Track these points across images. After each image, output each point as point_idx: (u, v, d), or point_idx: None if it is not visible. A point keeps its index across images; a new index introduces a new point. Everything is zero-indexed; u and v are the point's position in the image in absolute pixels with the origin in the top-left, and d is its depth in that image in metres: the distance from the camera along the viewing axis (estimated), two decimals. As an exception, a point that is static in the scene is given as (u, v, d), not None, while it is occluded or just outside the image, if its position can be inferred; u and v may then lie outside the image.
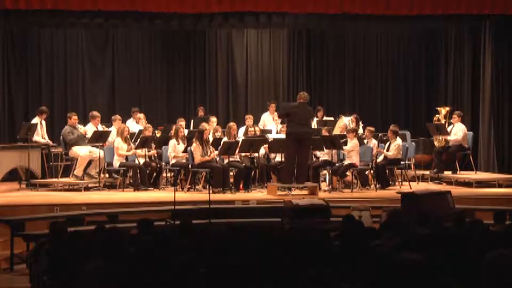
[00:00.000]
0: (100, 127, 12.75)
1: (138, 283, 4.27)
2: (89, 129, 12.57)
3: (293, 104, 12.28)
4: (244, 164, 12.05)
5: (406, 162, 12.88)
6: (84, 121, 13.20)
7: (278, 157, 12.40)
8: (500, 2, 13.39)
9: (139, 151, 12.18)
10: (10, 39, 14.66)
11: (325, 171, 12.64)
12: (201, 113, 14.50)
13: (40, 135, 12.80)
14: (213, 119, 13.47)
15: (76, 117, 12.71)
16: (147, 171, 12.12)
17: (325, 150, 12.13)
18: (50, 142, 13.02)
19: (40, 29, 14.63)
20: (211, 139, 12.36)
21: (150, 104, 15.42)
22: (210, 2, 12.63)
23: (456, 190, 11.32)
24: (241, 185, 11.89)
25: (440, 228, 6.07)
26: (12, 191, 12.00)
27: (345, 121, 13.46)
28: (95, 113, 12.93)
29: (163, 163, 12.40)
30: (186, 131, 12.90)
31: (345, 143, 12.12)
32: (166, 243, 5.23)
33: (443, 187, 12.38)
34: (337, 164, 12.13)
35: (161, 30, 15.25)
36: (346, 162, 12.03)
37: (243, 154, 12.16)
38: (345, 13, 13.19)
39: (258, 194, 11.52)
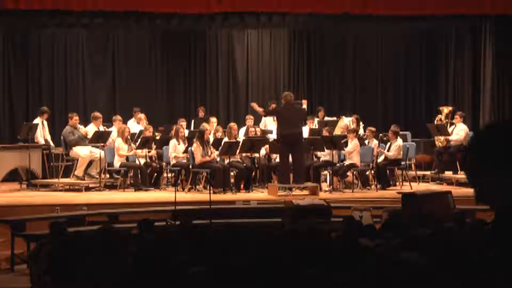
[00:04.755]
0: (102, 128, 12.74)
1: (138, 283, 4.27)
2: (90, 130, 12.56)
3: (280, 106, 12.17)
4: (244, 165, 12.05)
5: (407, 162, 12.86)
6: (84, 121, 13.19)
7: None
8: (500, 2, 13.41)
9: (139, 152, 12.18)
10: (10, 39, 14.64)
11: (325, 172, 12.65)
12: (201, 113, 14.49)
13: (42, 136, 12.80)
14: (214, 120, 13.46)
15: (77, 118, 12.70)
16: (148, 172, 12.12)
17: (326, 151, 12.13)
18: (52, 145, 12.99)
19: (40, 29, 14.61)
20: (211, 139, 12.36)
21: (151, 104, 15.37)
22: (210, 2, 12.65)
23: (456, 191, 11.28)
24: (241, 186, 11.89)
25: (441, 228, 6.06)
26: (12, 191, 12.00)
27: (346, 122, 13.45)
28: (97, 114, 12.92)
29: (164, 164, 12.40)
30: (186, 132, 12.90)
31: (346, 144, 12.11)
32: (166, 244, 5.23)
33: (443, 188, 12.36)
34: (337, 165, 12.14)
35: (161, 30, 15.24)
36: (346, 163, 12.03)
37: (243, 154, 12.17)
38: (345, 13, 13.20)
39: (258, 195, 11.52)
